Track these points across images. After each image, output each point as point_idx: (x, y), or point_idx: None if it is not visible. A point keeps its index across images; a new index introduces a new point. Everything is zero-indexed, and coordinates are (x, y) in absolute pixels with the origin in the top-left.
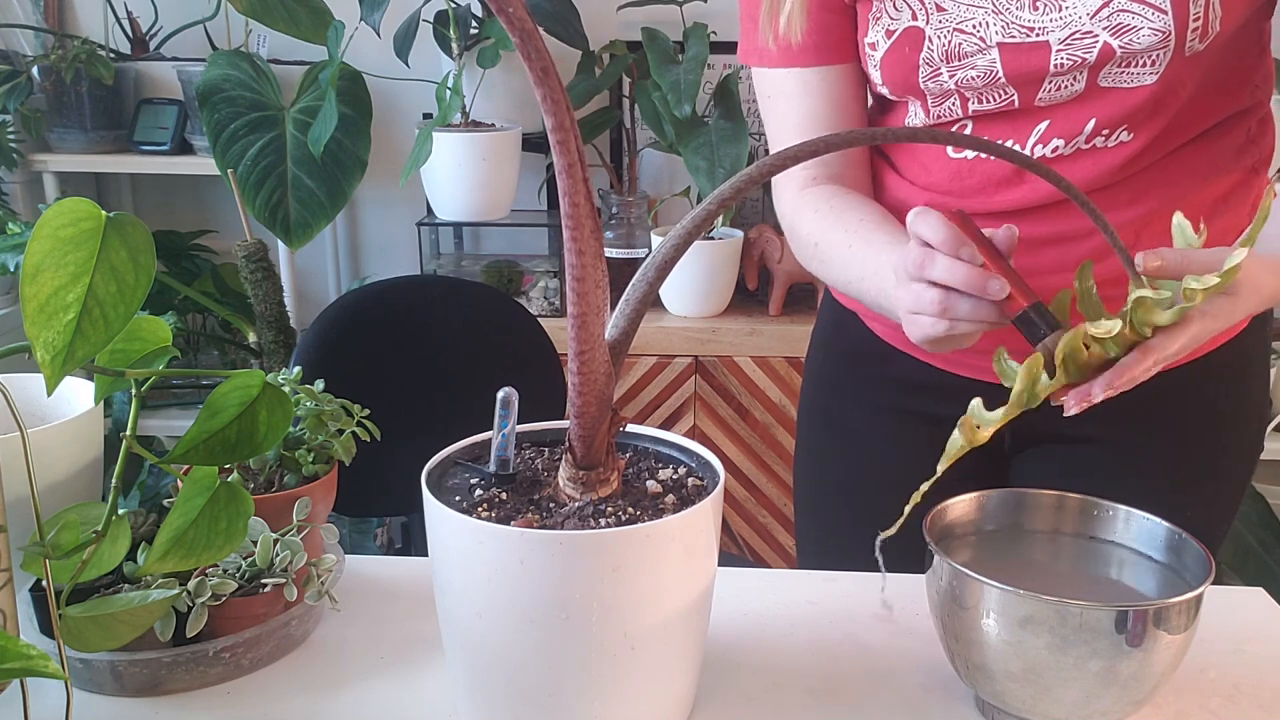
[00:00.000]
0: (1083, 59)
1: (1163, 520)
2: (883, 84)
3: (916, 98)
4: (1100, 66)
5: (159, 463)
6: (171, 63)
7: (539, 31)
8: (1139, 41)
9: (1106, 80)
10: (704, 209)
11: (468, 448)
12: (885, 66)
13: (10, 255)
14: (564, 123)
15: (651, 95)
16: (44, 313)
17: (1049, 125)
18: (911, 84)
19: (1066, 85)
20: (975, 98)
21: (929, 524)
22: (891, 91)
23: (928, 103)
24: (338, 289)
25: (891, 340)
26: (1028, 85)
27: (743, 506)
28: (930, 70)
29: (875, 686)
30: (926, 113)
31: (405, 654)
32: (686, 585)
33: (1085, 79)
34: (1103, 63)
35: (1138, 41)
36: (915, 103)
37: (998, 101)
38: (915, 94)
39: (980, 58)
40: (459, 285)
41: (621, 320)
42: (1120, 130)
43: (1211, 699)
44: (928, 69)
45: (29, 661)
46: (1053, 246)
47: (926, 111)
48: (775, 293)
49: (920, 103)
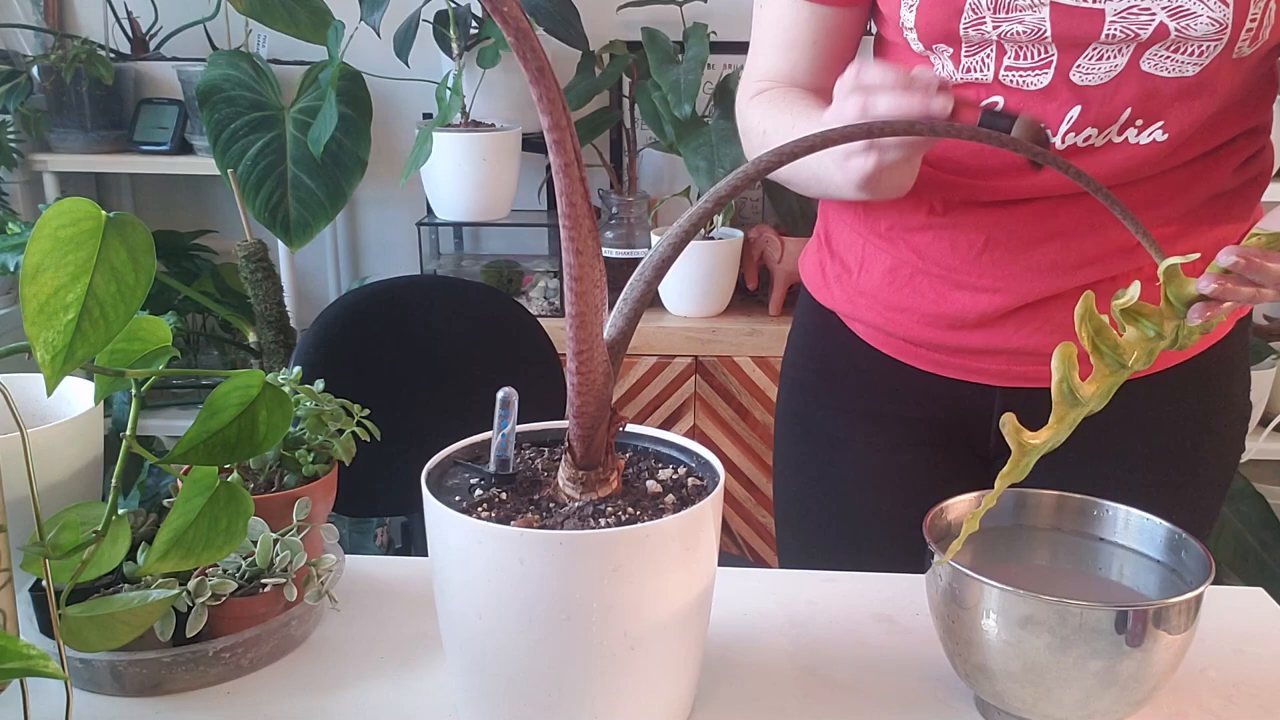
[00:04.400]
0: (1135, 33)
1: (1162, 520)
2: (913, 27)
3: (949, 46)
4: (1149, 45)
5: (159, 463)
6: (171, 63)
7: (534, 31)
8: (1195, 28)
9: (1149, 63)
10: (701, 207)
11: (468, 448)
12: (925, 5)
13: (10, 255)
14: (560, 121)
15: (651, 95)
16: (44, 313)
17: (1081, 111)
18: (951, 29)
19: (1109, 57)
20: (1014, 52)
21: (929, 524)
22: (921, 36)
23: (960, 52)
24: (338, 289)
25: (883, 347)
26: (1071, 48)
27: (743, 506)
28: (975, 16)
29: (875, 686)
30: (956, 63)
31: (405, 654)
32: (686, 585)
33: (1129, 56)
34: (1153, 41)
35: (1194, 28)
36: (944, 53)
37: (1036, 60)
38: (950, 41)
39: (1030, 13)
40: (459, 285)
41: (620, 320)
42: (1155, 127)
43: (1211, 699)
44: (973, 14)
45: (29, 661)
46: (1069, 239)
47: (956, 62)
48: (775, 293)
49: (952, 52)
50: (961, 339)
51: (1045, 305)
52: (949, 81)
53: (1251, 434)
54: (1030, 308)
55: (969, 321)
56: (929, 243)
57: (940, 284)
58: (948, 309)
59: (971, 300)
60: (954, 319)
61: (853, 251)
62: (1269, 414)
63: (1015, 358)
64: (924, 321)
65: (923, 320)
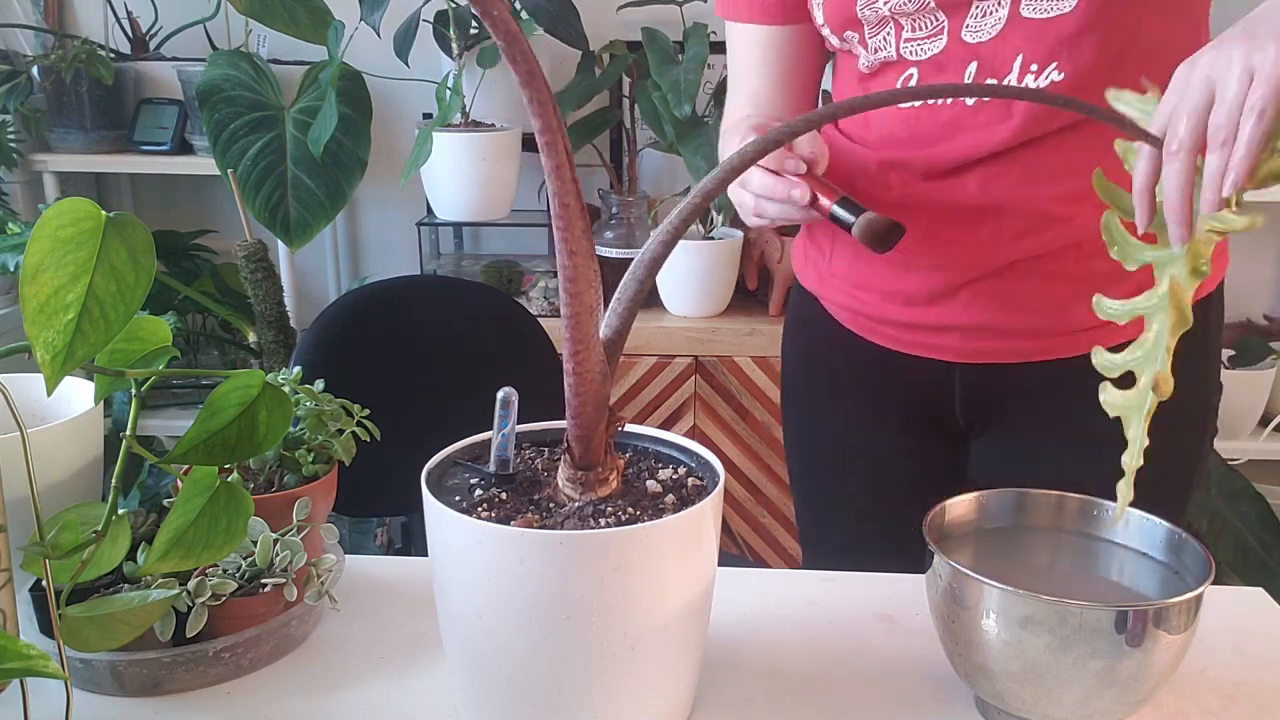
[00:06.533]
0: None
1: (1163, 520)
2: (824, 22)
3: (855, 31)
4: None
5: (159, 463)
6: (171, 63)
7: (528, 33)
8: None
9: (1028, 9)
10: (689, 203)
11: (468, 448)
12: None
13: (10, 255)
14: (551, 124)
15: (651, 95)
16: (44, 313)
17: (978, 66)
18: (850, 14)
19: (992, 12)
20: (909, 25)
21: (929, 524)
22: (833, 30)
23: (864, 35)
24: (338, 289)
25: (851, 325)
26: (956, 9)
27: (743, 506)
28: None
29: (875, 686)
30: (865, 46)
31: (405, 654)
32: (686, 585)
33: (1008, 7)
34: None
35: None
36: (854, 40)
37: (929, 29)
38: (854, 26)
39: None
40: (459, 285)
41: (615, 319)
42: (1050, 68)
43: (1211, 699)
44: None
45: (29, 661)
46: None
47: (865, 45)
48: (775, 293)
49: (859, 37)
50: (917, 315)
51: (990, 280)
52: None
53: (1251, 434)
54: (976, 283)
55: (921, 298)
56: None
57: (893, 264)
58: (903, 287)
59: (923, 278)
60: (909, 296)
61: (825, 234)
62: (1269, 414)
63: (968, 334)
64: (884, 299)
65: (883, 298)
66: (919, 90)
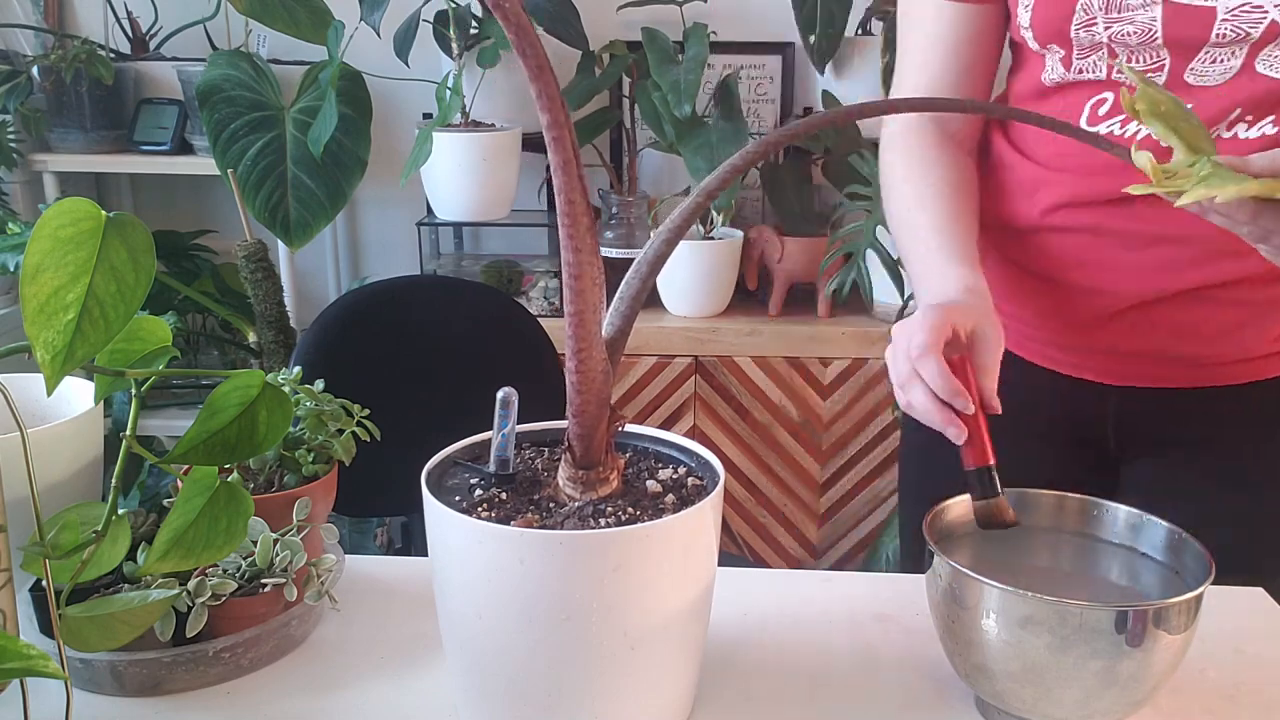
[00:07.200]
0: (1246, 33)
1: (1163, 520)
2: (1029, 26)
3: (1061, 47)
4: (1262, 45)
5: (159, 463)
6: (171, 63)
7: (534, 27)
8: None
9: (1264, 64)
10: (692, 201)
11: (468, 448)
12: (1040, 6)
13: (10, 255)
14: (559, 119)
15: (651, 95)
16: (44, 313)
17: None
18: (1062, 31)
19: (1223, 60)
20: (1125, 56)
21: (929, 524)
22: (1036, 37)
23: (1071, 54)
24: (338, 289)
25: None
26: (1183, 51)
27: (743, 506)
28: (1086, 17)
29: (875, 686)
30: (1066, 66)
31: (405, 654)
32: (686, 585)
33: (1243, 58)
34: (1266, 41)
35: None
36: (1056, 54)
37: (1147, 64)
38: (1061, 42)
39: (1142, 12)
40: (459, 285)
41: (617, 318)
42: (1266, 121)
43: (1211, 699)
44: (1084, 15)
45: (29, 661)
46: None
47: (1067, 65)
48: (775, 293)
49: (1063, 54)
50: (1074, 339)
51: (1154, 307)
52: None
53: None
54: (1140, 308)
55: (1079, 321)
56: (1040, 245)
57: (1049, 284)
58: (1060, 307)
59: (1085, 301)
60: (1069, 317)
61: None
62: None
63: (1127, 359)
64: (1040, 315)
65: (1038, 314)
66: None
